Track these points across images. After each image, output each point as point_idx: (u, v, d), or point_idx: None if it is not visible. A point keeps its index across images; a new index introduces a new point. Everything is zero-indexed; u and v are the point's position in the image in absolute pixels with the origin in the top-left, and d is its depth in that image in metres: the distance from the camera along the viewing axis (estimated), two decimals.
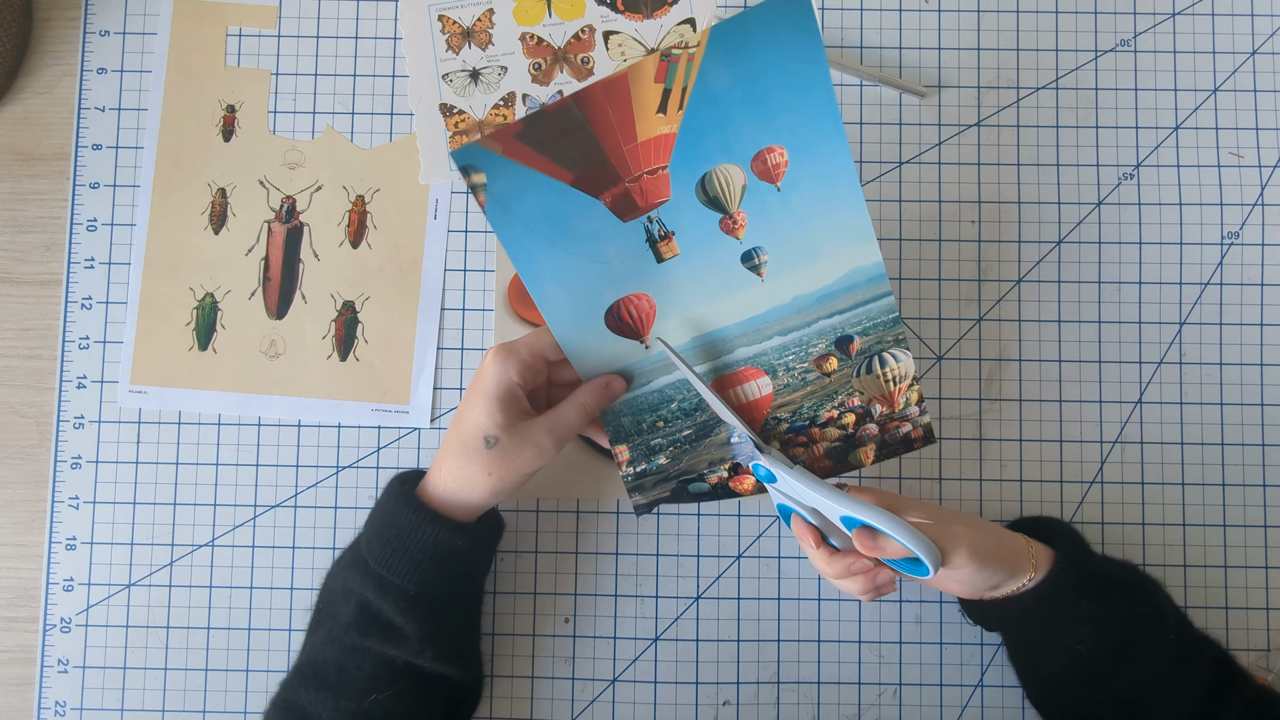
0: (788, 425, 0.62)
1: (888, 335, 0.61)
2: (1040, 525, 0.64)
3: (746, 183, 0.56)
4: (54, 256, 0.72)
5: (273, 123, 0.73)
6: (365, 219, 0.72)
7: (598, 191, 0.56)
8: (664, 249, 0.58)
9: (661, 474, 0.63)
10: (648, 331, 0.59)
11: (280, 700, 0.60)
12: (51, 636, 0.69)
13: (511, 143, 0.53)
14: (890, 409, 0.62)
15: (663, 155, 0.55)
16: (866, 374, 0.61)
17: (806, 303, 0.59)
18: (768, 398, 0.61)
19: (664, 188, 0.56)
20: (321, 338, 0.71)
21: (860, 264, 0.59)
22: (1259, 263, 0.71)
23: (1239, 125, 0.72)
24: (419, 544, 0.58)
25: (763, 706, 0.68)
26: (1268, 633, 0.69)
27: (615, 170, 0.55)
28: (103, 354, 0.71)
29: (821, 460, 0.63)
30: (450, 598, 0.61)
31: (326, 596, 0.62)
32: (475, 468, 0.58)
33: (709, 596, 0.70)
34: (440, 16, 0.73)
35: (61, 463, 0.70)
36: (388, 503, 0.60)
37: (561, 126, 0.53)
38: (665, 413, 0.62)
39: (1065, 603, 0.59)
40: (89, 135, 0.72)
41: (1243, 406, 0.70)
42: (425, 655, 0.58)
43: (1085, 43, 0.73)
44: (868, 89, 0.73)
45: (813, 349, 0.60)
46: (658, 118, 0.54)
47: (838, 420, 0.62)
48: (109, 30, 0.73)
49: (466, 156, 0.53)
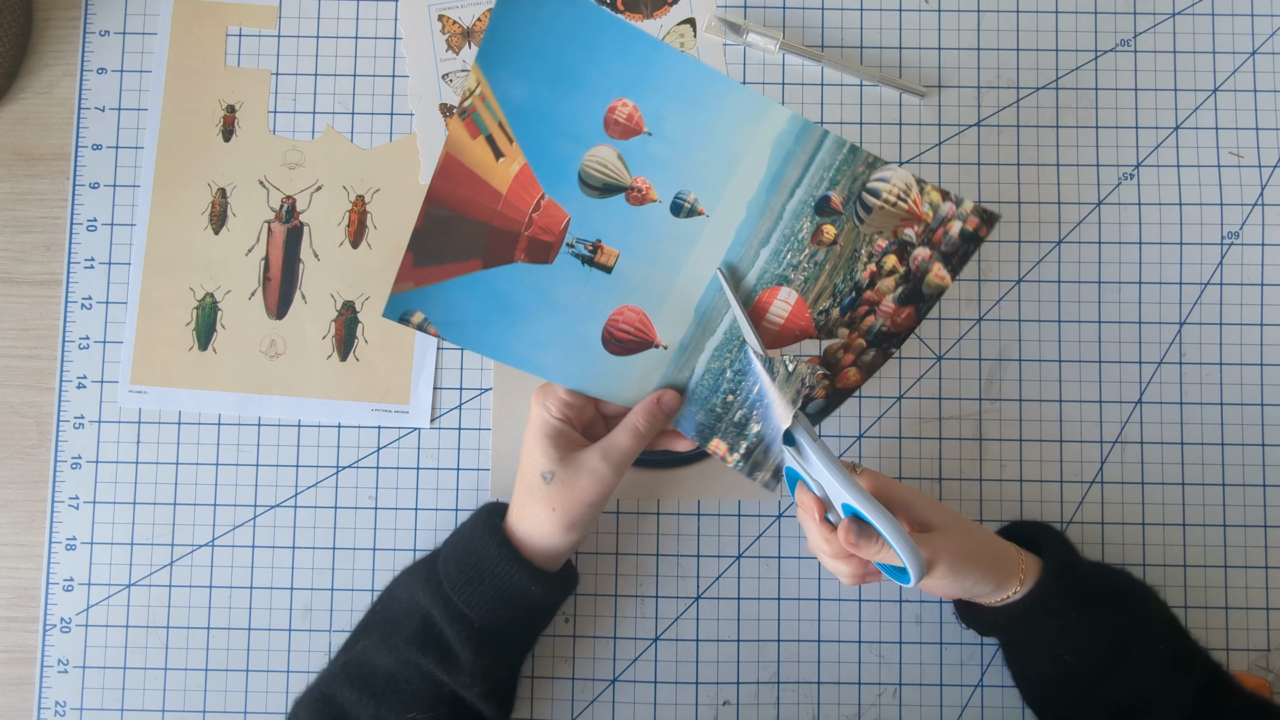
0: (838, 308, 0.58)
1: (858, 168, 0.55)
2: (1031, 531, 0.64)
3: (619, 150, 0.54)
4: (54, 256, 0.72)
5: (273, 123, 0.73)
6: (365, 219, 0.72)
7: (510, 256, 0.56)
8: (603, 259, 0.56)
9: (763, 439, 0.60)
10: (654, 333, 0.58)
11: (319, 692, 0.60)
12: (51, 636, 0.69)
13: (415, 272, 0.55)
14: (922, 222, 0.56)
15: (533, 188, 0.54)
16: (868, 214, 0.56)
17: (760, 202, 0.56)
18: (799, 304, 0.58)
19: (557, 211, 0.55)
20: (321, 338, 0.71)
21: (777, 131, 0.54)
22: (1259, 263, 0.71)
23: (1239, 125, 0.72)
24: (495, 580, 0.58)
25: (763, 706, 0.68)
26: (1268, 633, 0.69)
27: (508, 230, 0.55)
28: (103, 354, 0.71)
29: (899, 314, 0.58)
30: (510, 640, 0.61)
31: (389, 602, 0.62)
32: (539, 505, 0.58)
33: (709, 596, 0.70)
34: (440, 16, 0.73)
35: (61, 463, 0.70)
36: (474, 530, 0.61)
37: (439, 231, 0.55)
38: (725, 385, 0.59)
39: (1052, 614, 0.59)
40: (89, 135, 0.72)
41: (1243, 406, 0.70)
42: (472, 690, 0.58)
43: (1085, 43, 0.73)
44: (868, 89, 0.73)
45: (801, 234, 0.56)
46: (500, 163, 0.54)
47: (882, 271, 0.57)
48: (109, 30, 0.73)
49: (396, 309, 0.56)
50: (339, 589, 0.70)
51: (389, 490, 0.70)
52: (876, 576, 0.59)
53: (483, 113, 0.53)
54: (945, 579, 0.57)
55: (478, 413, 0.71)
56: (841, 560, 0.58)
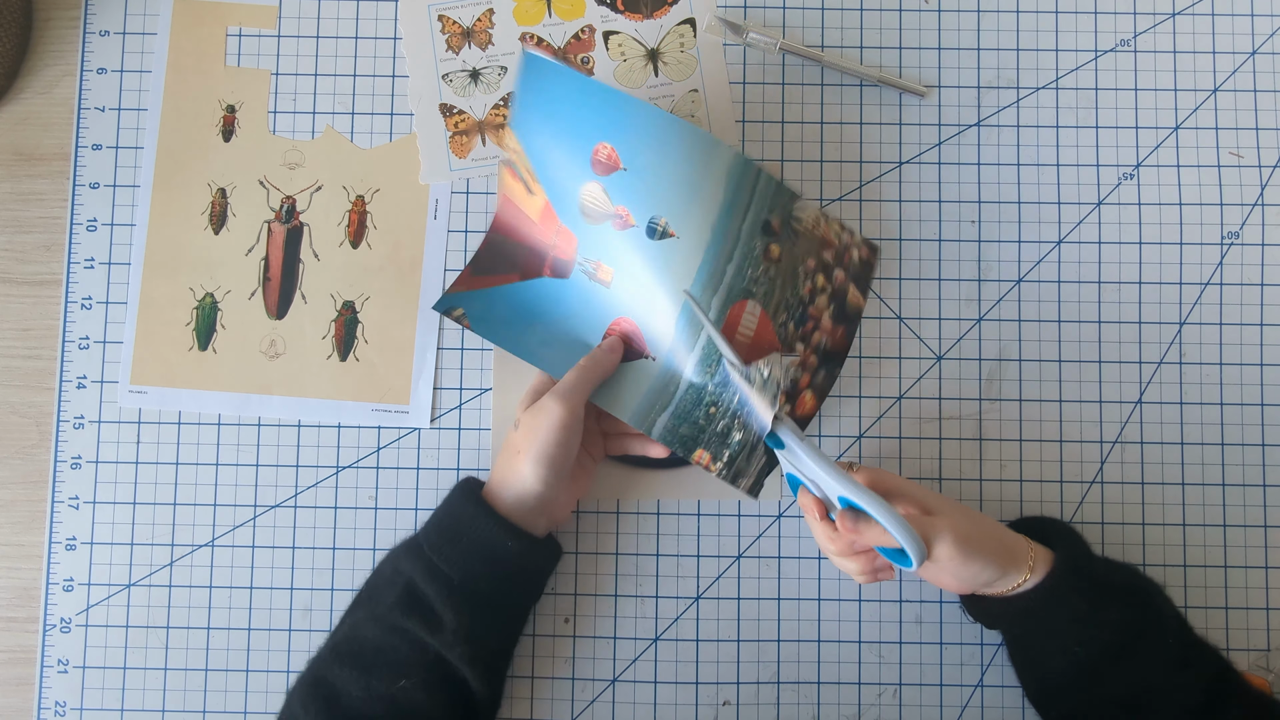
0: (793, 321, 0.65)
1: (784, 200, 0.64)
2: (1041, 526, 0.64)
3: (603, 185, 0.62)
4: (54, 256, 0.72)
5: (273, 123, 0.73)
6: (365, 219, 0.72)
7: (539, 271, 0.68)
8: (602, 276, 0.65)
9: (745, 446, 0.63)
10: (644, 345, 0.65)
11: (310, 676, 0.60)
12: (51, 636, 0.69)
13: (470, 280, 0.68)
14: (833, 248, 0.66)
15: (553, 218, 0.66)
16: (796, 239, 0.65)
17: (723, 224, 0.63)
18: (763, 318, 0.64)
19: (570, 236, 0.66)
20: (321, 338, 0.71)
21: (729, 165, 0.62)
22: (1259, 263, 0.71)
23: (1239, 125, 0.72)
24: (471, 536, 0.61)
25: (763, 706, 0.68)
26: (1268, 633, 0.69)
27: (539, 250, 0.68)
28: (103, 354, 0.71)
29: (835, 332, 0.65)
30: (491, 601, 0.61)
31: (374, 580, 0.63)
32: (508, 454, 0.62)
33: (709, 596, 0.70)
34: (440, 16, 0.73)
35: (61, 463, 0.70)
36: (452, 495, 0.64)
37: (496, 250, 0.68)
38: (708, 397, 0.64)
39: (1064, 605, 0.59)
40: (89, 135, 0.72)
41: (1243, 406, 0.70)
42: (455, 651, 0.59)
43: (1085, 43, 0.73)
44: (868, 89, 0.73)
45: (755, 251, 0.64)
46: (532, 198, 0.66)
47: (817, 288, 0.65)
48: (109, 30, 0.73)
49: (445, 304, 0.68)
50: (339, 589, 0.70)
51: (389, 490, 0.70)
52: (889, 573, 0.59)
53: (517, 163, 0.66)
54: (952, 561, 0.57)
55: (478, 413, 0.71)
56: (849, 558, 0.59)
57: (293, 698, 0.60)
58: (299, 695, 0.60)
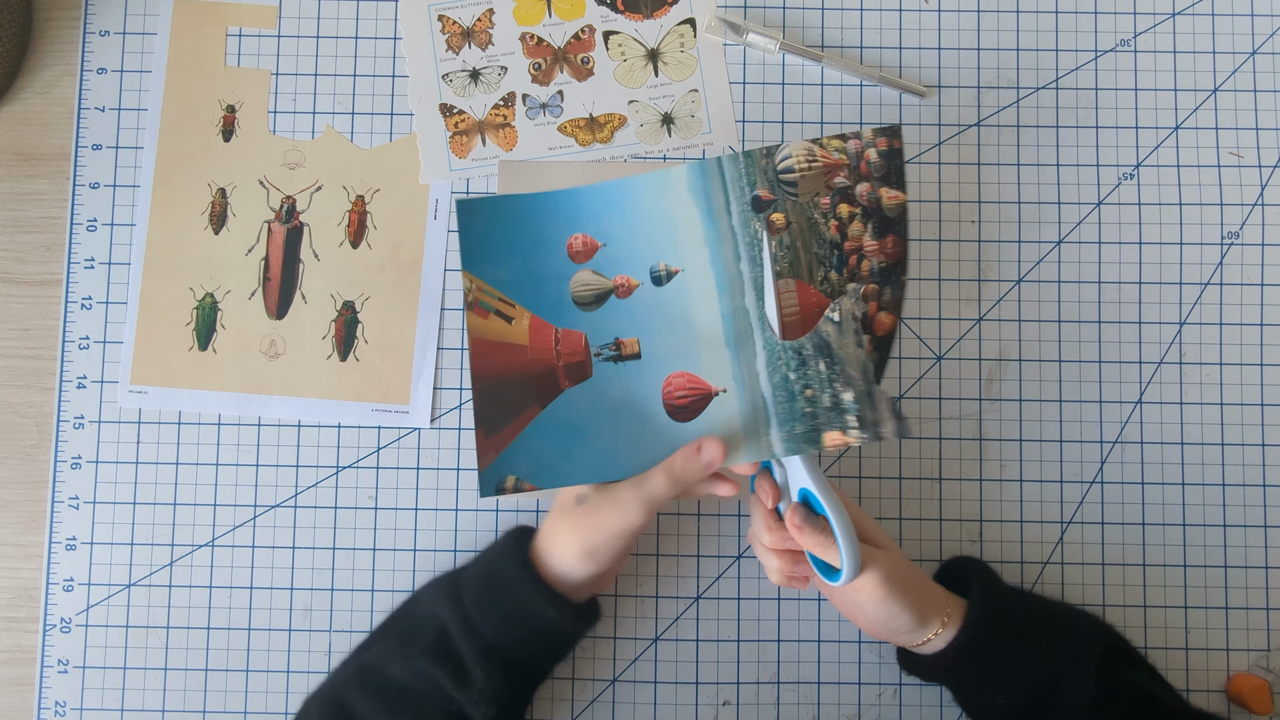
0: (833, 270, 0.61)
1: (760, 163, 0.61)
2: (961, 567, 0.65)
3: (591, 268, 0.62)
4: (54, 256, 0.72)
5: (273, 123, 0.73)
6: (365, 219, 0.72)
7: (557, 389, 0.62)
8: (629, 350, 0.62)
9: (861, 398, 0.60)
10: (707, 384, 0.62)
11: (330, 695, 0.60)
12: (51, 636, 0.69)
13: (491, 443, 0.61)
14: (843, 166, 0.61)
15: (546, 329, 0.63)
16: (796, 187, 0.61)
17: (712, 234, 0.62)
18: (801, 287, 0.61)
19: (574, 335, 0.63)
20: (321, 338, 0.71)
21: (687, 181, 0.62)
22: (1259, 263, 0.71)
23: (1239, 125, 0.72)
24: (512, 599, 0.59)
25: (763, 706, 0.68)
26: (1268, 633, 0.69)
27: (545, 369, 0.62)
28: (103, 354, 0.71)
29: (886, 245, 0.61)
30: (523, 666, 0.61)
31: (412, 609, 0.62)
32: (565, 525, 0.59)
33: (709, 596, 0.70)
34: (440, 16, 0.73)
35: (61, 463, 0.70)
36: (501, 548, 0.61)
37: (492, 400, 0.62)
38: (797, 386, 0.60)
39: (981, 659, 0.59)
40: (89, 135, 0.72)
41: (1243, 406, 0.70)
42: (479, 710, 0.58)
43: (1085, 43, 0.73)
44: (868, 89, 0.73)
45: (758, 235, 0.62)
46: (513, 324, 0.62)
47: (844, 220, 0.61)
48: (109, 30, 0.73)
49: (489, 484, 0.60)
50: (339, 589, 0.70)
51: (389, 490, 0.70)
52: (802, 584, 0.60)
53: (483, 299, 0.62)
54: (874, 594, 0.57)
55: None
56: (775, 555, 0.59)
57: (311, 707, 0.60)
58: (317, 709, 0.59)
